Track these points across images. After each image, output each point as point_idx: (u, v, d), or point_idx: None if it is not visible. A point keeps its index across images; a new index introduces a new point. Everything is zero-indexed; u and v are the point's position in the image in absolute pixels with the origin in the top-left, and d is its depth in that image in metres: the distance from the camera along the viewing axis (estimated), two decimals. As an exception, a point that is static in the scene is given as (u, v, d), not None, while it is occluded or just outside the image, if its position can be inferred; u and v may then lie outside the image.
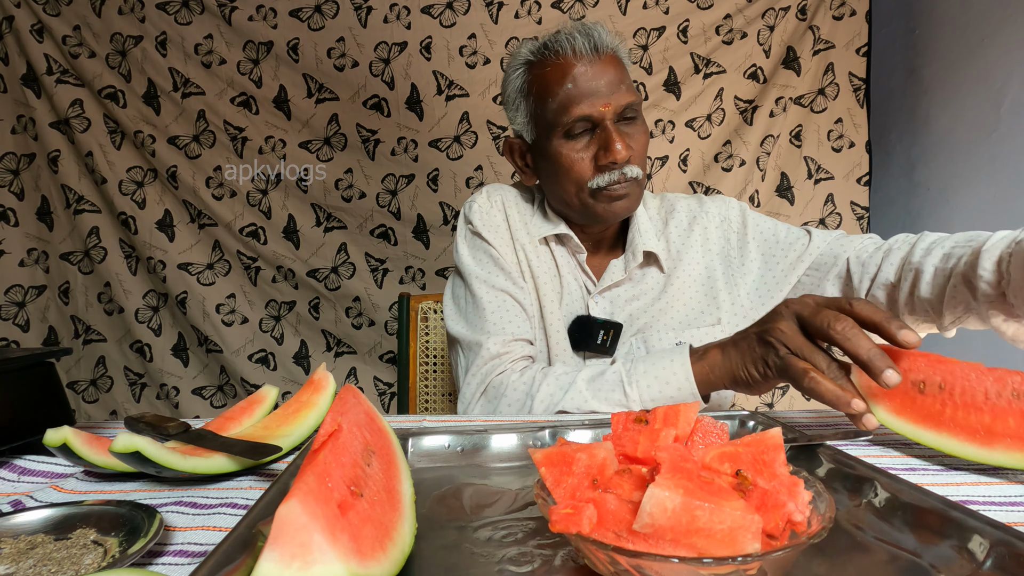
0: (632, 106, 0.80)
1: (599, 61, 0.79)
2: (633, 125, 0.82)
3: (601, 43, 0.80)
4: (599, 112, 0.78)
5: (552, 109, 0.81)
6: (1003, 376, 0.48)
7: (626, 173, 0.80)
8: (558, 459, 0.35)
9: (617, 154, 0.78)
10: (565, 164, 0.82)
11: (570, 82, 0.79)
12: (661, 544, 0.29)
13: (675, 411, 0.38)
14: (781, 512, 0.31)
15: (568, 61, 0.80)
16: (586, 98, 0.78)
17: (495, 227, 0.90)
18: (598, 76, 0.79)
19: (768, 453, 0.33)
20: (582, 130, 0.80)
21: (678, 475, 0.31)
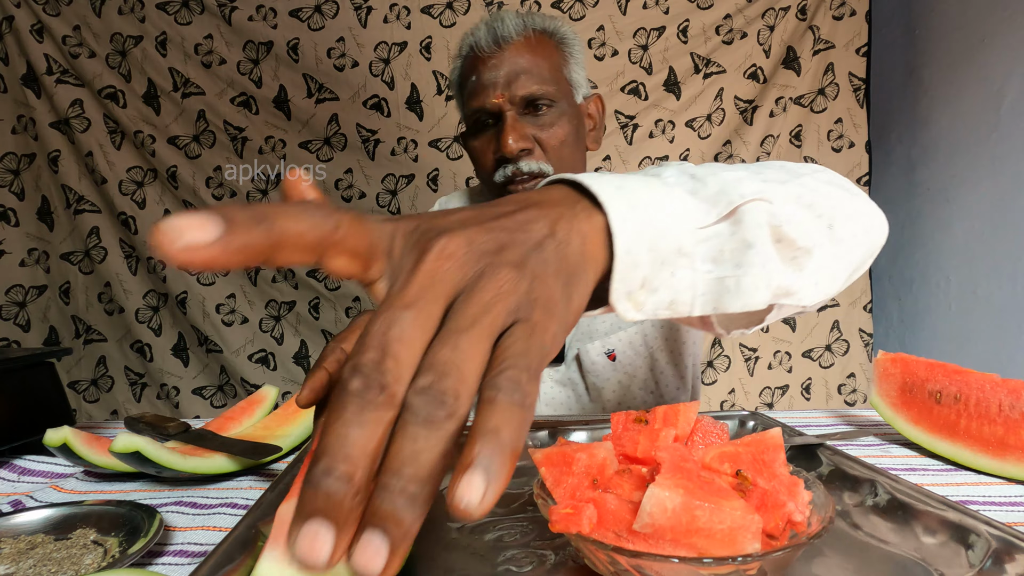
0: (538, 96, 0.75)
1: (501, 52, 0.75)
2: (544, 116, 0.76)
3: (503, 34, 0.75)
4: (492, 103, 0.75)
5: (464, 102, 0.80)
6: (1017, 388, 0.48)
7: (522, 168, 0.74)
8: (558, 459, 0.35)
9: (505, 147, 0.73)
10: (473, 157, 0.81)
11: (475, 75, 0.77)
12: (661, 544, 0.29)
13: (675, 411, 0.38)
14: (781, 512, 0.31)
15: (475, 55, 0.77)
16: (483, 91, 0.76)
17: None
18: (497, 67, 0.75)
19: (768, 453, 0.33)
20: (489, 123, 0.77)
21: (678, 475, 0.31)
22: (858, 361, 1.96)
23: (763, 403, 1.95)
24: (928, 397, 0.53)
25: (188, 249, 0.20)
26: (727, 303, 0.33)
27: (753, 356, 1.96)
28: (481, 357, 0.20)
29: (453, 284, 0.22)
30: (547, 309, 0.23)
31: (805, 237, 0.35)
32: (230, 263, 0.20)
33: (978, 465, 0.49)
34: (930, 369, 0.54)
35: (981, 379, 0.51)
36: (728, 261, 0.33)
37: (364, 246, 0.24)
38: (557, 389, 0.86)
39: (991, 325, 1.57)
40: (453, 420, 0.19)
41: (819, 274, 0.36)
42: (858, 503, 0.41)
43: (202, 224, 0.20)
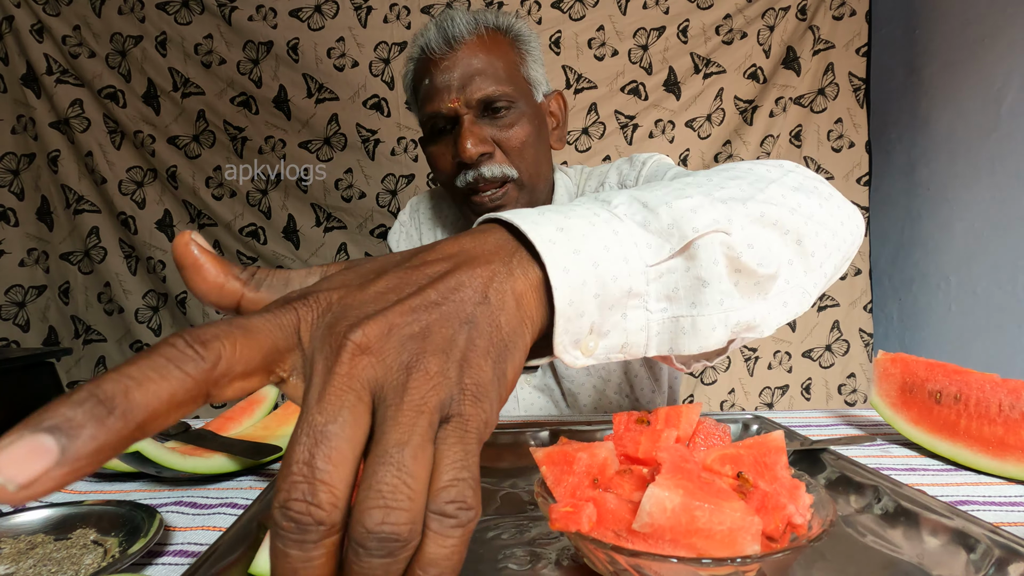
0: (494, 98, 0.71)
1: (453, 53, 0.71)
2: (503, 118, 0.72)
3: (454, 32, 0.71)
4: (448, 108, 0.71)
5: (418, 108, 0.77)
6: (1017, 388, 0.48)
7: (483, 173, 0.71)
8: (559, 458, 0.35)
9: (463, 152, 0.70)
10: (432, 164, 0.78)
11: (427, 78, 0.73)
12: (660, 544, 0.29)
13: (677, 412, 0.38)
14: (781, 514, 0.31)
15: (426, 56, 0.73)
16: (437, 95, 0.72)
17: (409, 243, 0.91)
18: (451, 69, 0.71)
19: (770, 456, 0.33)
20: (446, 128, 0.74)
21: (678, 475, 0.31)
22: (858, 361, 1.96)
23: (763, 403, 1.95)
24: (928, 397, 0.53)
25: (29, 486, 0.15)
26: (683, 344, 0.31)
27: (753, 356, 1.96)
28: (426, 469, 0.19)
29: (376, 382, 0.20)
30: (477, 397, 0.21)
31: (768, 262, 0.32)
32: (89, 471, 0.17)
33: (978, 465, 0.49)
34: (930, 369, 0.54)
35: (981, 379, 0.51)
36: (683, 300, 0.31)
37: (259, 359, 0.21)
38: (535, 395, 0.85)
39: (991, 325, 1.57)
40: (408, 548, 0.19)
41: (787, 295, 0.34)
42: (861, 508, 0.41)
43: (33, 451, 0.16)
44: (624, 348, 0.31)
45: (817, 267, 0.36)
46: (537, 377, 0.85)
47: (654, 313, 0.31)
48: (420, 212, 0.94)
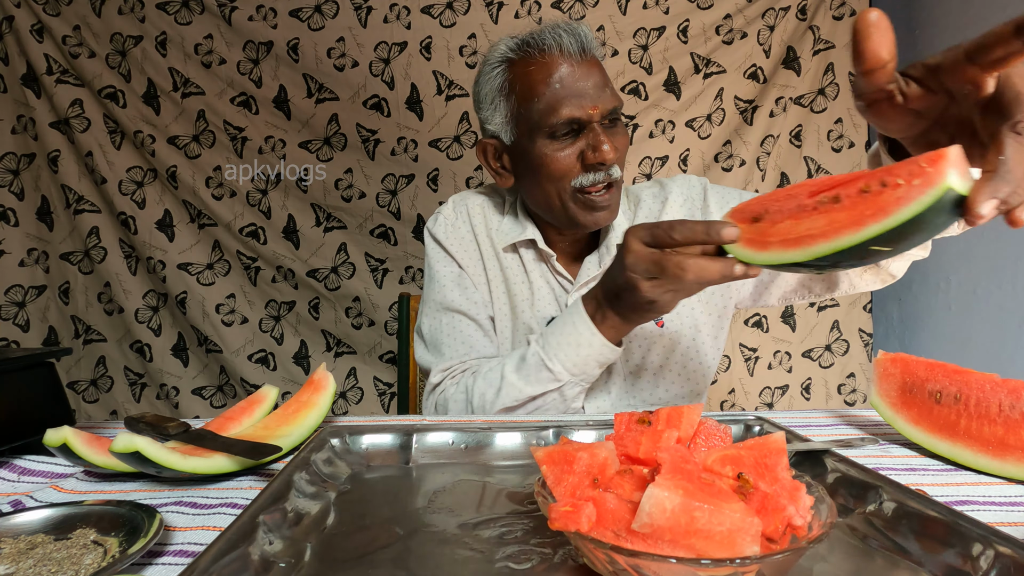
0: (616, 110, 0.80)
1: (585, 62, 0.78)
2: (616, 128, 0.81)
3: (588, 44, 0.79)
4: (587, 115, 0.77)
5: (538, 109, 0.79)
6: (1017, 388, 0.48)
7: (611, 173, 0.79)
8: (560, 458, 0.35)
9: (605, 155, 0.77)
10: (549, 165, 0.80)
11: (557, 82, 0.77)
12: (660, 544, 0.29)
13: (678, 413, 0.38)
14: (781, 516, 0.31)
15: (555, 60, 0.78)
16: (575, 99, 0.77)
17: (460, 239, 0.91)
18: (585, 77, 0.77)
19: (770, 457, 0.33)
20: (567, 131, 0.79)
21: (678, 476, 0.31)
22: (858, 361, 1.96)
23: (763, 403, 1.95)
24: (928, 397, 0.53)
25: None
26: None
27: (753, 356, 1.96)
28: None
29: None
30: None
31: None
32: None
33: (978, 465, 0.49)
34: (930, 369, 0.54)
35: (981, 379, 0.51)
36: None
37: None
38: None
39: (991, 325, 1.57)
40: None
41: None
42: (862, 510, 0.41)
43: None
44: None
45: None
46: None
47: None
48: (468, 210, 0.94)
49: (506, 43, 0.83)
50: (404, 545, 0.37)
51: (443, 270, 0.90)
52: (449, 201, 0.95)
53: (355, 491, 0.47)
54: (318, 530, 0.39)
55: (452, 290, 0.88)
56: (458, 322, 0.87)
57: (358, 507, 0.43)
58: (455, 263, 0.90)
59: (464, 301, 0.88)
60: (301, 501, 0.42)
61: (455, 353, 0.85)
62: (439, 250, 0.91)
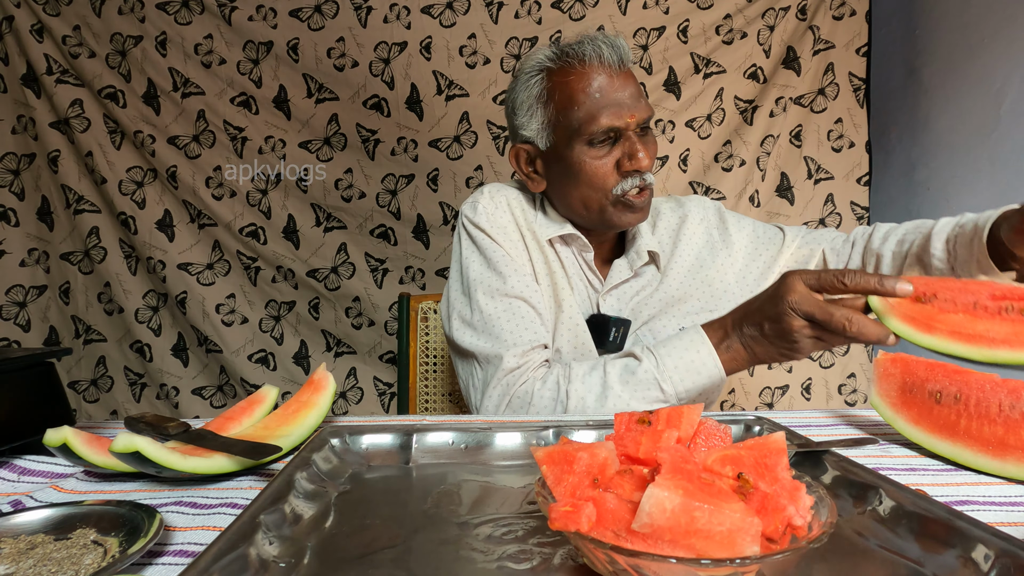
0: (649, 119, 0.85)
1: (623, 73, 0.83)
2: (648, 136, 0.86)
3: (625, 56, 0.83)
4: (625, 123, 0.82)
5: (578, 117, 0.82)
6: (1017, 388, 0.48)
7: (646, 179, 0.84)
8: (560, 457, 0.35)
9: (642, 162, 0.82)
10: (588, 171, 0.84)
11: (597, 92, 0.81)
12: (660, 544, 0.29)
13: (678, 413, 0.38)
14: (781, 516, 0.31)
15: (595, 70, 0.82)
16: (614, 108, 0.81)
17: (503, 227, 0.89)
18: (623, 87, 0.82)
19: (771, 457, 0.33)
20: (604, 139, 0.83)
21: (678, 476, 0.31)
22: (858, 361, 1.96)
23: (763, 403, 1.95)
24: (928, 397, 0.53)
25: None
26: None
27: (753, 356, 1.95)
28: None
29: None
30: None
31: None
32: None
33: (978, 465, 0.49)
34: (930, 369, 0.54)
35: (981, 379, 0.51)
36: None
37: None
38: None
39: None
40: None
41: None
42: (862, 510, 0.41)
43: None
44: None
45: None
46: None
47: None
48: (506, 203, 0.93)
49: (544, 52, 0.86)
50: (404, 545, 0.37)
51: (494, 256, 0.87)
52: (484, 191, 0.93)
53: (355, 491, 0.47)
54: (318, 530, 0.39)
55: (510, 276, 0.86)
56: (518, 307, 0.84)
57: (358, 507, 0.43)
58: (502, 249, 0.88)
59: (522, 287, 0.86)
60: (301, 501, 0.42)
61: (519, 339, 0.81)
62: (484, 236, 0.89)
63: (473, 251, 0.89)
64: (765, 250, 0.96)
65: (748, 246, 0.97)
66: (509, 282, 0.85)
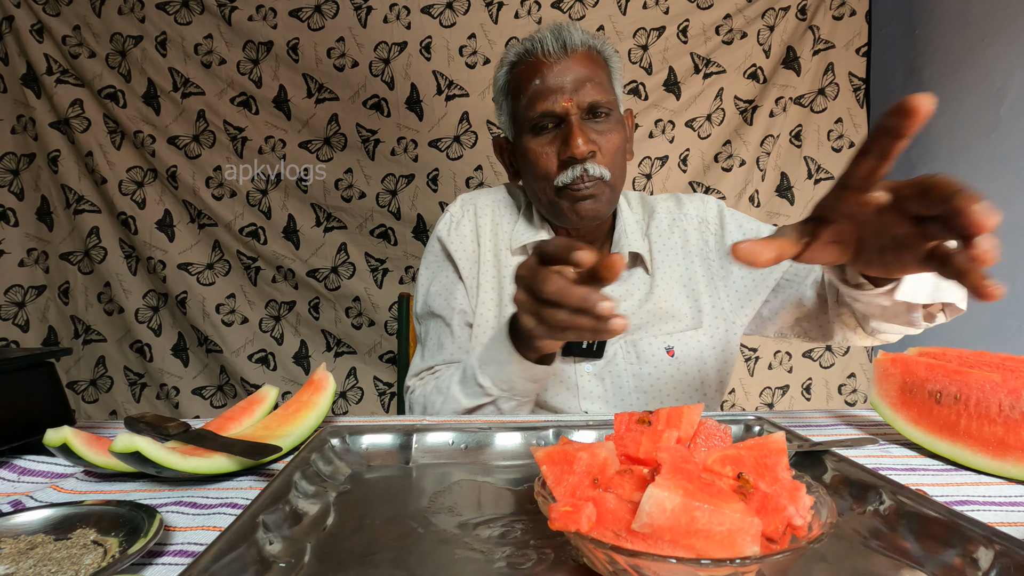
0: (600, 104, 0.79)
1: (567, 59, 0.79)
2: (602, 124, 0.80)
3: (571, 41, 0.80)
4: (562, 107, 0.78)
5: (523, 106, 0.82)
6: (1017, 389, 0.48)
7: (588, 170, 0.78)
8: (560, 457, 0.35)
9: (575, 148, 0.76)
10: (532, 160, 0.82)
11: (538, 79, 0.80)
12: (660, 544, 0.29)
13: (678, 413, 0.38)
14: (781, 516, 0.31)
15: (538, 59, 0.80)
16: (551, 94, 0.79)
17: (461, 237, 0.92)
18: (564, 73, 0.79)
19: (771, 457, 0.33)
20: (548, 126, 0.80)
21: (678, 476, 0.31)
22: (858, 361, 1.96)
23: (763, 403, 1.95)
24: (928, 397, 0.53)
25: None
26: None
27: (753, 356, 1.96)
28: None
29: None
30: None
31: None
32: None
33: (978, 465, 0.49)
34: (930, 369, 0.54)
35: (981, 379, 0.51)
36: None
37: None
38: (595, 382, 0.86)
39: (991, 325, 1.57)
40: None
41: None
42: (862, 510, 0.41)
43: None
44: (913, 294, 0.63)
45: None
46: (599, 366, 0.86)
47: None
48: (476, 209, 0.94)
49: (513, 48, 0.86)
50: (404, 545, 0.37)
51: (439, 275, 0.92)
52: (459, 199, 0.96)
53: (355, 491, 0.47)
54: (318, 530, 0.39)
55: (440, 298, 0.90)
56: (437, 329, 0.89)
57: (358, 507, 0.43)
58: (451, 265, 0.91)
59: (449, 311, 0.89)
60: (301, 501, 0.42)
61: (431, 356, 0.89)
62: (441, 254, 0.93)
63: (424, 262, 0.95)
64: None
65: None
66: (438, 298, 0.90)
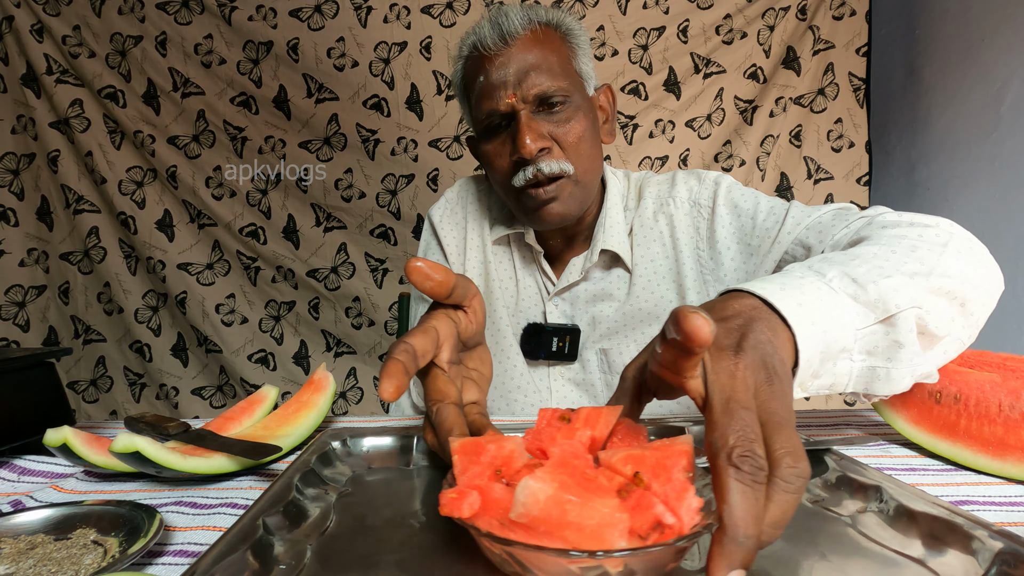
0: (550, 93, 0.71)
1: (507, 49, 0.71)
2: (558, 114, 0.72)
3: (509, 28, 0.71)
4: (506, 104, 0.71)
5: (473, 107, 0.76)
6: (1017, 389, 0.48)
7: (542, 169, 0.70)
8: (471, 448, 0.36)
9: (523, 148, 0.69)
10: (488, 163, 0.76)
11: (482, 75, 0.73)
12: (537, 535, 0.30)
13: (597, 413, 0.39)
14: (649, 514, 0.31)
15: (480, 53, 0.73)
16: (494, 91, 0.71)
17: (453, 224, 0.87)
18: (506, 65, 0.71)
19: (671, 459, 0.33)
20: (499, 124, 0.73)
21: (560, 469, 0.32)
22: (858, 361, 1.96)
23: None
24: (928, 397, 0.53)
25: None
26: (878, 388, 0.44)
27: (753, 356, 1.95)
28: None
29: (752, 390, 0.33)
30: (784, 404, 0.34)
31: (944, 327, 0.46)
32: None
33: (978, 465, 0.49)
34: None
35: (981, 379, 0.51)
36: (881, 355, 0.43)
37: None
38: (570, 387, 0.83)
39: (991, 325, 1.56)
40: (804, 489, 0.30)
41: (949, 345, 0.48)
42: (862, 507, 0.41)
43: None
44: (831, 387, 0.43)
45: (974, 323, 0.51)
46: (574, 370, 0.82)
47: (856, 363, 0.43)
48: (469, 196, 0.90)
49: (462, 40, 0.77)
50: (405, 547, 0.37)
51: (426, 252, 0.89)
52: (457, 184, 0.91)
53: (356, 493, 0.47)
54: (319, 532, 0.39)
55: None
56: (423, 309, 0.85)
57: (359, 509, 0.43)
58: (439, 247, 0.87)
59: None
60: (302, 503, 0.42)
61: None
62: (430, 234, 0.89)
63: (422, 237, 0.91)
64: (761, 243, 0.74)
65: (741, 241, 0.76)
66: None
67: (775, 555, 0.35)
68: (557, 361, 0.81)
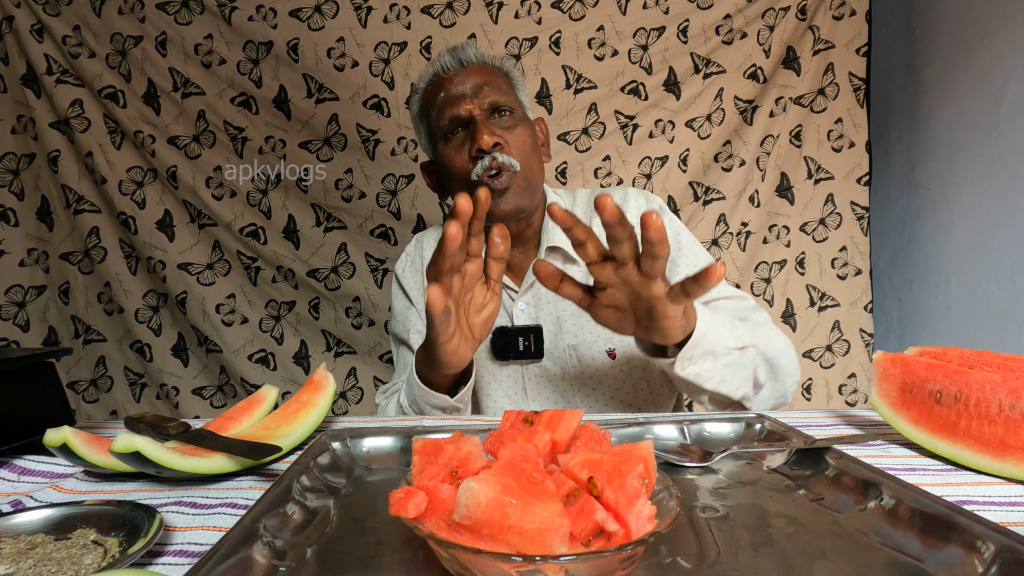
0: (501, 104, 0.86)
1: (463, 71, 0.87)
2: (506, 120, 0.86)
3: (466, 57, 0.88)
4: (465, 110, 0.85)
5: (434, 120, 0.89)
6: (1017, 389, 0.48)
7: (497, 158, 0.82)
8: (431, 448, 0.36)
9: (480, 140, 0.82)
10: (447, 164, 0.87)
11: (443, 92, 0.87)
12: (481, 537, 0.30)
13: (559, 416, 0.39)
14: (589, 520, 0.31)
15: (440, 78, 0.88)
16: (455, 101, 0.86)
17: (413, 272, 1.01)
18: (464, 82, 0.86)
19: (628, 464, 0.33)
20: (458, 130, 0.87)
21: (506, 472, 0.32)
22: (859, 361, 1.96)
23: (763, 403, 1.95)
24: (928, 397, 0.53)
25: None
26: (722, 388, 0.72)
27: (753, 356, 1.95)
28: None
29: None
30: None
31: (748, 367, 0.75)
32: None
33: (978, 465, 0.49)
34: (930, 369, 0.54)
35: (981, 379, 0.51)
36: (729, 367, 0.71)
37: None
38: (543, 384, 0.90)
39: (991, 325, 1.57)
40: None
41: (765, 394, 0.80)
42: (863, 507, 0.41)
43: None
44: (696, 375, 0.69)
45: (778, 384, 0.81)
46: (546, 369, 0.90)
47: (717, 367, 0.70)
48: (425, 243, 1.03)
49: (421, 76, 0.93)
50: (406, 548, 0.37)
51: (396, 304, 1.01)
52: (413, 239, 1.05)
53: (356, 494, 0.47)
54: (319, 534, 0.39)
55: (400, 323, 1.00)
56: (402, 352, 0.99)
57: (359, 510, 0.43)
58: (406, 297, 1.00)
59: (406, 333, 0.98)
60: (302, 504, 0.42)
61: (396, 374, 0.98)
62: (396, 286, 1.02)
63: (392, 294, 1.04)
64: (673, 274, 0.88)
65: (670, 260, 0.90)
66: (400, 326, 1.00)
67: (775, 554, 0.35)
68: (527, 360, 0.91)
